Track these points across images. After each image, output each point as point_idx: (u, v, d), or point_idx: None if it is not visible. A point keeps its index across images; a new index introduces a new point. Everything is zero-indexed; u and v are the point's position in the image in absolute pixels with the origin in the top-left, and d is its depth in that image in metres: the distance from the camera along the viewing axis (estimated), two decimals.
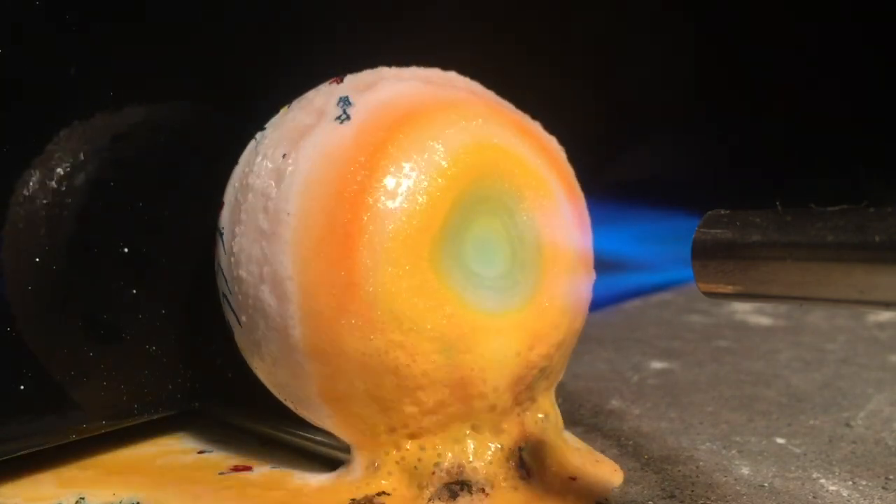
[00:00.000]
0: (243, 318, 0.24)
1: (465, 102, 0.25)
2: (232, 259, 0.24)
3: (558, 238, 0.26)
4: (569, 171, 0.28)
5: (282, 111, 0.25)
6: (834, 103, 0.66)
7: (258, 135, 0.25)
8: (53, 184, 0.24)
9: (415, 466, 0.24)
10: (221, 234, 0.25)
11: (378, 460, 0.24)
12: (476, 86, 0.27)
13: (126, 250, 0.26)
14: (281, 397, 0.25)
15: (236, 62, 0.28)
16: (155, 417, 0.27)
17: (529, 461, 0.25)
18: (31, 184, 0.23)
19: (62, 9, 0.23)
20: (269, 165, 0.24)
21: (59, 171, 0.24)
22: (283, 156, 0.23)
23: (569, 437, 0.28)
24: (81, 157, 0.24)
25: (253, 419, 0.28)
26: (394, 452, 0.24)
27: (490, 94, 0.27)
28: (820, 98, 0.65)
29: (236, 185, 0.25)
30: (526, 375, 0.25)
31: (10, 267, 0.23)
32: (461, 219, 0.24)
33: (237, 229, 0.24)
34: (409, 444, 0.24)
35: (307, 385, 0.24)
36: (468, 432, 0.25)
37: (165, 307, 0.27)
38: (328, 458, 0.26)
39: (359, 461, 0.24)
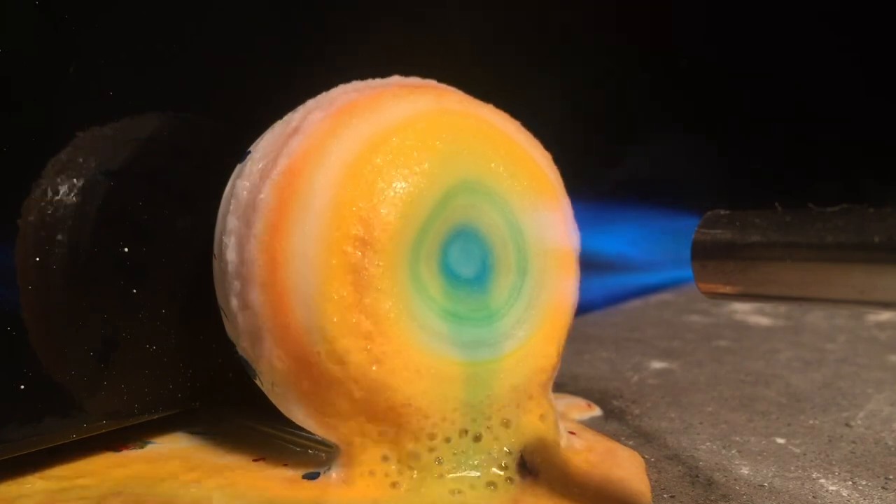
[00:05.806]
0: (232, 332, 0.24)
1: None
2: (224, 280, 0.24)
3: (564, 250, 0.25)
4: (552, 164, 0.27)
5: (264, 133, 0.25)
6: (834, 103, 0.66)
7: (248, 152, 0.25)
8: (53, 185, 0.24)
9: (409, 466, 0.24)
10: (213, 252, 0.25)
11: (368, 461, 0.24)
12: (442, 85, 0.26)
13: (126, 250, 0.26)
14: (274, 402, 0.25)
15: (237, 71, 0.28)
16: (155, 417, 0.27)
17: (532, 462, 0.25)
18: (30, 185, 0.23)
19: (60, 10, 0.23)
20: (245, 195, 0.24)
21: (59, 172, 0.24)
22: (256, 182, 0.23)
23: (580, 430, 0.28)
24: (81, 159, 0.24)
25: (253, 419, 0.28)
26: (387, 455, 0.24)
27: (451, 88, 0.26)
28: (820, 98, 0.65)
29: (224, 206, 0.25)
30: (526, 393, 0.25)
31: (11, 267, 0.23)
32: (436, 231, 0.23)
33: (226, 252, 0.24)
34: (406, 445, 0.24)
35: (293, 402, 0.24)
36: (466, 435, 0.24)
37: (165, 307, 0.27)
38: (327, 457, 0.26)
39: (346, 460, 0.24)
